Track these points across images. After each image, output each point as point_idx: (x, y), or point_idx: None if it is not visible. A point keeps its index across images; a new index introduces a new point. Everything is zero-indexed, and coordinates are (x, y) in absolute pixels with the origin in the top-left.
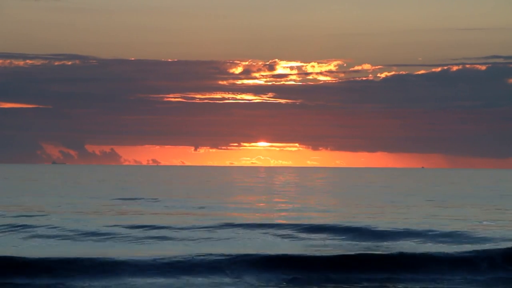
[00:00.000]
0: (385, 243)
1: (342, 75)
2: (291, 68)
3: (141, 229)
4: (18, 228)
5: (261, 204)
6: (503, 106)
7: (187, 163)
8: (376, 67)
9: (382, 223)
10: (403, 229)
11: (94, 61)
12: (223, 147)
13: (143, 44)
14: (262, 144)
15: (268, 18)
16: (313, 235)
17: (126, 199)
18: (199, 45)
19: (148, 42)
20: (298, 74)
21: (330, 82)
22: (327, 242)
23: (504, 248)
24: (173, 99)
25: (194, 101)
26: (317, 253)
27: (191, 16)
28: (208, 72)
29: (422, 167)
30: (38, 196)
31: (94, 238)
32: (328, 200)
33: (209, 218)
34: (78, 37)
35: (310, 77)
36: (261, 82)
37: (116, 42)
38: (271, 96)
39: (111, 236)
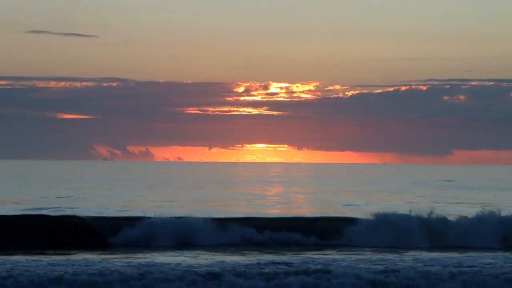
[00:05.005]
0: None
1: (319, 93)
2: (281, 88)
3: None
4: None
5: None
6: (439, 117)
7: (204, 160)
8: (345, 87)
9: None
10: None
11: (132, 83)
12: (230, 148)
13: (169, 69)
14: (260, 145)
15: (263, 48)
16: None
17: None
18: (211, 70)
19: (173, 68)
20: (286, 92)
21: (311, 99)
22: None
23: None
24: (192, 112)
25: (207, 113)
26: None
27: (206, 48)
28: (218, 91)
29: (384, 163)
30: None
31: None
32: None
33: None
34: (120, 65)
35: (295, 94)
36: (258, 98)
37: (149, 69)
38: (266, 109)
39: None
